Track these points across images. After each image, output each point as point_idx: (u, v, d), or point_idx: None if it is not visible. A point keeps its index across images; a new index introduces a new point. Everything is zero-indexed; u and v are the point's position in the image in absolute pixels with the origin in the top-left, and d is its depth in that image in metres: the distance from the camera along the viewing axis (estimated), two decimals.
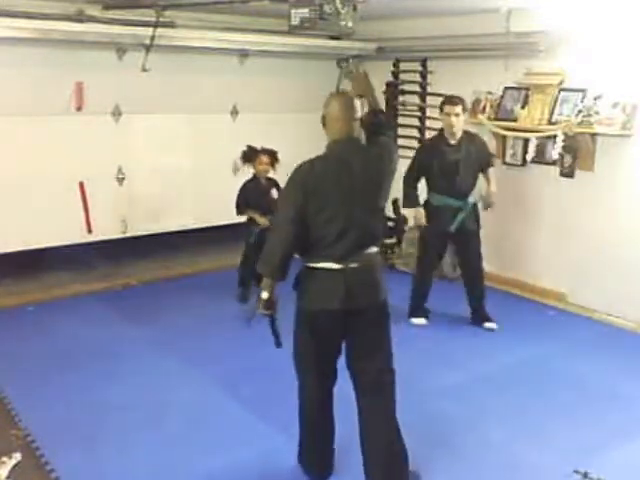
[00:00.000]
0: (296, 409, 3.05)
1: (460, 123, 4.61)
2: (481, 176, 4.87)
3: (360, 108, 2.83)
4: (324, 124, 2.84)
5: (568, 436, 3.47)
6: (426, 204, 4.88)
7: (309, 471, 3.08)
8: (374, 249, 2.83)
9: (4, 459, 3.04)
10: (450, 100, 4.61)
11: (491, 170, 4.89)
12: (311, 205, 2.71)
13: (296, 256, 2.81)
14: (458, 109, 4.55)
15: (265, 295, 2.80)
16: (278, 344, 2.95)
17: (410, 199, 4.88)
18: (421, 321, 4.96)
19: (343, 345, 2.90)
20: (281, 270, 2.77)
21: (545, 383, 4.09)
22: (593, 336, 4.84)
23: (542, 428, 3.55)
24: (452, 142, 4.67)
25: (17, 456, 3.08)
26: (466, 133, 4.74)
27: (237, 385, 3.96)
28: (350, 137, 2.79)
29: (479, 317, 4.92)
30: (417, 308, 5.00)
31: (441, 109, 4.67)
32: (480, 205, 4.86)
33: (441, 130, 4.78)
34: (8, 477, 2.95)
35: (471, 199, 4.78)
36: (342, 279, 2.74)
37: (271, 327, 2.93)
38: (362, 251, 2.77)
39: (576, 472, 3.10)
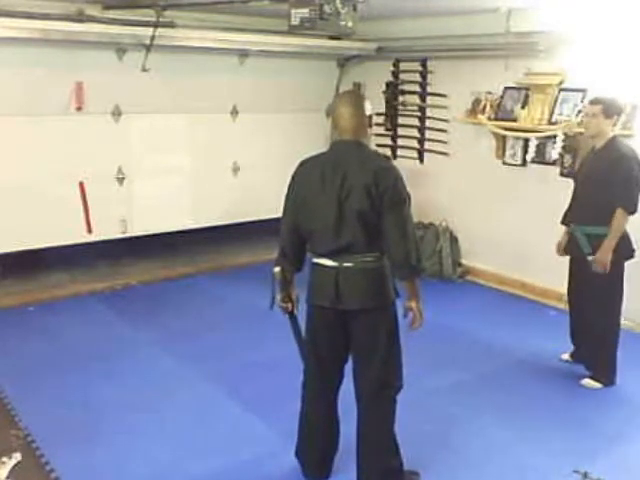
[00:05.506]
0: (297, 410, 3.04)
1: (595, 126, 3.90)
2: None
3: (368, 108, 2.75)
4: (333, 124, 2.82)
5: (568, 436, 3.47)
6: None
7: (302, 468, 3.06)
8: (370, 257, 2.71)
9: (4, 459, 3.04)
10: (593, 99, 4.04)
11: (618, 212, 3.79)
12: (297, 197, 2.79)
13: None
14: (594, 109, 3.88)
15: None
16: (302, 352, 2.97)
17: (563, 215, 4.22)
18: (563, 355, 4.39)
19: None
20: (282, 257, 2.84)
21: (546, 383, 4.09)
22: None
23: (542, 428, 3.55)
24: (596, 148, 3.98)
25: (17, 456, 3.08)
26: (612, 143, 3.91)
27: (237, 385, 3.96)
28: (353, 140, 2.72)
29: (586, 368, 4.15)
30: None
31: None
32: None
33: None
34: (8, 477, 2.95)
35: (589, 230, 3.92)
36: (334, 277, 2.73)
37: (291, 326, 2.96)
38: (355, 254, 2.70)
39: (576, 472, 3.10)
